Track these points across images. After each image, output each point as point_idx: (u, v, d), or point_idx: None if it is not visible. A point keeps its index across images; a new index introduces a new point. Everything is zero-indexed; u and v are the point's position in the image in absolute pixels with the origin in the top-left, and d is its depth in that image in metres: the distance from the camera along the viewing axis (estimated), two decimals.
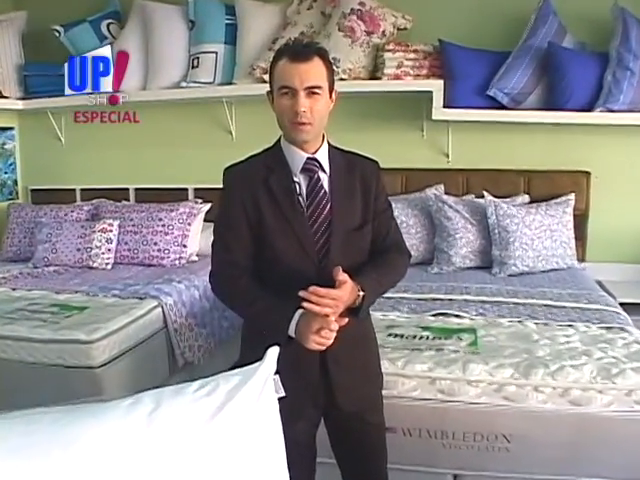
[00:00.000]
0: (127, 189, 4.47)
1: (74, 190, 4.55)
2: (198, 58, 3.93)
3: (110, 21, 4.18)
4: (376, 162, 1.87)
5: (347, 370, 1.75)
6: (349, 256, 1.74)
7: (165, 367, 3.09)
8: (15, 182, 4.70)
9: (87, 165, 4.55)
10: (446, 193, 3.78)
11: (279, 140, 1.78)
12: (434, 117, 3.58)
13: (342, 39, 3.61)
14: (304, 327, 1.58)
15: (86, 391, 2.57)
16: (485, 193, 3.55)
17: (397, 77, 3.61)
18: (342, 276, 1.59)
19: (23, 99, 4.31)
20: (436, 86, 3.55)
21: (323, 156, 1.76)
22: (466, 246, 3.48)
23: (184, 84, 3.95)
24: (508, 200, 3.61)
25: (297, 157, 1.73)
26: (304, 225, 1.70)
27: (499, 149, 3.82)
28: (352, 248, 1.75)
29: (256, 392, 1.13)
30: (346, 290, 1.60)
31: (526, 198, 3.72)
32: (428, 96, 3.58)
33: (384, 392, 2.09)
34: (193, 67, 3.95)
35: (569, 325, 2.58)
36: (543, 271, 3.40)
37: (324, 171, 1.75)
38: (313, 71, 1.64)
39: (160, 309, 3.09)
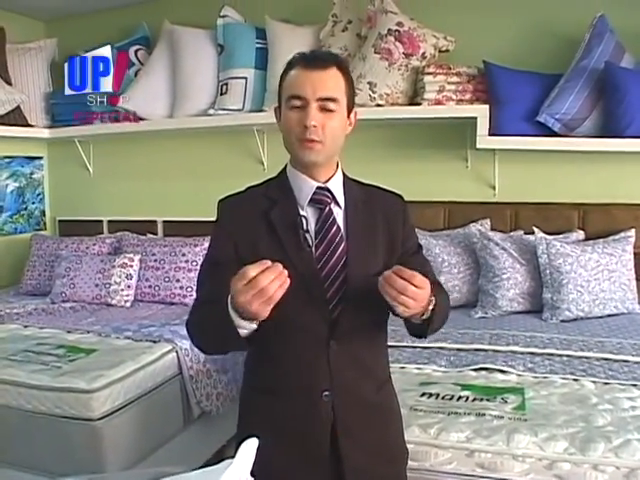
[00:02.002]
0: (155, 221, 4.29)
1: (101, 222, 4.41)
2: (227, 84, 3.73)
3: (138, 47, 4.04)
4: (401, 197, 1.57)
5: (361, 446, 1.44)
6: (367, 310, 1.43)
7: (179, 418, 2.83)
8: (43, 213, 4.58)
9: (115, 196, 4.42)
10: (493, 229, 3.46)
11: (285, 168, 1.51)
12: (478, 146, 3.28)
13: (379, 62, 3.35)
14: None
15: (84, 445, 2.36)
16: (535, 229, 3.20)
17: (438, 102, 3.32)
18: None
19: (50, 128, 4.18)
20: (481, 112, 3.25)
21: (337, 186, 1.47)
22: (514, 288, 3.13)
23: (212, 111, 3.75)
24: (561, 237, 3.26)
25: (305, 186, 1.44)
26: (311, 268, 1.40)
27: (551, 181, 3.48)
28: (371, 300, 1.41)
29: None
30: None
31: (581, 235, 3.35)
32: (472, 123, 3.28)
33: (413, 464, 1.80)
34: (221, 93, 3.75)
35: (633, 385, 2.21)
36: (600, 317, 3.03)
37: (338, 204, 1.46)
38: (329, 81, 1.38)
39: (174, 354, 2.84)
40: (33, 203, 4.50)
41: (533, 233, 3.21)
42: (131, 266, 3.60)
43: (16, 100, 3.90)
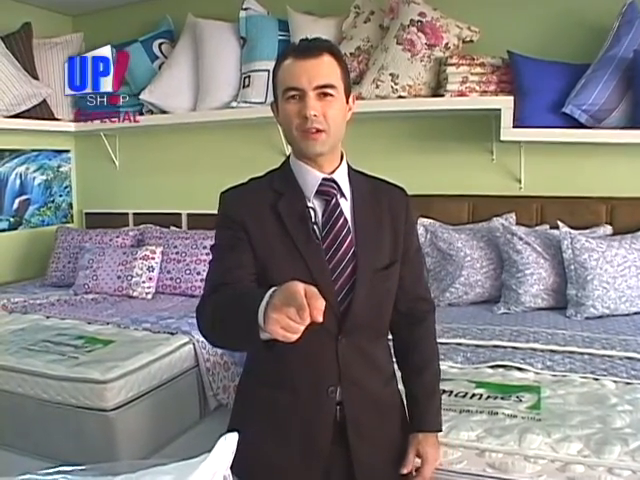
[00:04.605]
0: (180, 214, 4.30)
1: (127, 214, 4.44)
2: (249, 77, 3.71)
3: (162, 41, 4.05)
4: (404, 191, 1.54)
5: (372, 446, 1.43)
6: (374, 303, 1.42)
7: (195, 410, 2.83)
8: (70, 205, 4.63)
9: (141, 189, 4.45)
10: (518, 223, 3.37)
11: (287, 160, 1.49)
12: (503, 138, 3.19)
13: (401, 53, 3.30)
14: (276, 301, 1.08)
15: (98, 435, 2.37)
16: (560, 223, 3.10)
17: (461, 94, 3.25)
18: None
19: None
20: (505, 103, 3.17)
21: (342, 177, 1.44)
22: (537, 284, 3.05)
23: (234, 104, 3.74)
24: (587, 232, 3.16)
25: (310, 178, 1.42)
26: (320, 260, 1.37)
27: (578, 174, 3.37)
28: (379, 291, 1.43)
29: None
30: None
31: (608, 229, 3.25)
32: (497, 114, 3.20)
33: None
34: (244, 86, 3.73)
35: None
36: (626, 314, 2.92)
37: (344, 195, 1.43)
38: (324, 68, 1.34)
39: (191, 346, 2.84)
40: (60, 196, 4.54)
41: (558, 227, 3.12)
42: (153, 258, 3.62)
43: (42, 94, 3.93)
